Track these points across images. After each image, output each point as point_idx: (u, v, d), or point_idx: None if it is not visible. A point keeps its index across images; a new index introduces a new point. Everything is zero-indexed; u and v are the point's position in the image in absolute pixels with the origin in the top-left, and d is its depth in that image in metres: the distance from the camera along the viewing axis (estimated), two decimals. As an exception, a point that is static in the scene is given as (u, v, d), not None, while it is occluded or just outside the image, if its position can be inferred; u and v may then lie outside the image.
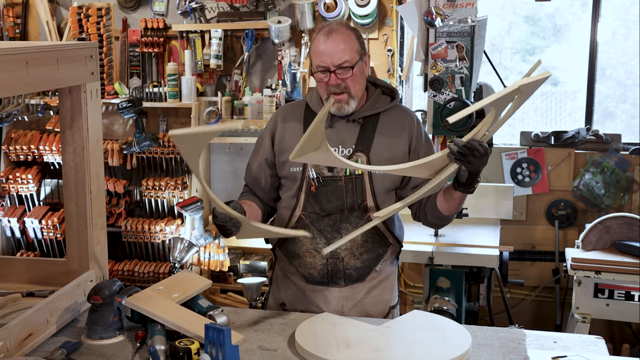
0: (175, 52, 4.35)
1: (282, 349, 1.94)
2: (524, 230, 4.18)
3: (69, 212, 2.26)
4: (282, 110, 2.41)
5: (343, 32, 2.19)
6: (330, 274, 2.29)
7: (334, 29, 2.19)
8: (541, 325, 4.12)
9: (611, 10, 4.19)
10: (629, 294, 3.38)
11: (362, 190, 2.25)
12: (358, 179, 2.24)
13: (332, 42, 2.17)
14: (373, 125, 2.28)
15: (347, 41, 2.18)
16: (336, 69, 2.16)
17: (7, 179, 4.36)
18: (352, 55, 2.18)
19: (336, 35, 2.18)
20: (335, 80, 2.17)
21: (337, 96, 2.20)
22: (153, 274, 4.21)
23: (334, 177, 2.24)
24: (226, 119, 4.19)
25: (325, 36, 2.18)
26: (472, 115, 3.19)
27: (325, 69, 2.17)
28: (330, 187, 2.24)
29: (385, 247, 2.33)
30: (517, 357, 1.89)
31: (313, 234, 2.26)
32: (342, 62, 2.16)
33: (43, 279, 2.35)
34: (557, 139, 4.11)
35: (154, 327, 1.92)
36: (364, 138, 2.26)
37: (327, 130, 2.25)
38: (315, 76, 2.22)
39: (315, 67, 2.20)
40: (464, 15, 3.21)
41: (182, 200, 4.13)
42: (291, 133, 2.31)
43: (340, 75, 2.17)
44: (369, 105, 2.29)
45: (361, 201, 2.25)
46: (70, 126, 2.20)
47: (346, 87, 2.19)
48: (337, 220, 2.25)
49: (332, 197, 2.24)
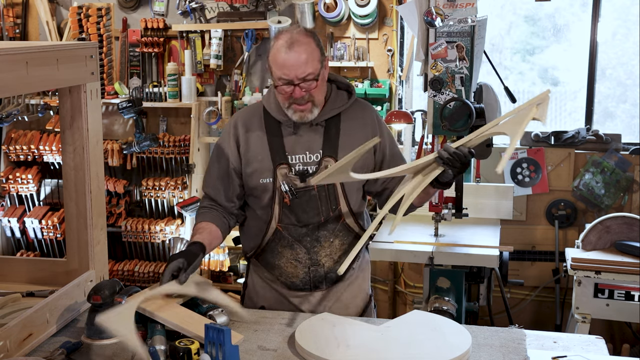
0: (175, 52, 4.35)
1: (282, 349, 1.94)
2: (524, 230, 4.18)
3: (69, 212, 2.26)
4: (241, 117, 2.31)
5: (304, 42, 2.10)
6: (313, 281, 2.29)
7: (295, 39, 2.09)
8: (541, 325, 4.12)
9: (611, 10, 4.19)
10: (629, 294, 3.38)
11: (336, 196, 2.23)
12: (330, 186, 2.22)
13: (295, 54, 2.08)
14: (336, 126, 2.25)
15: (309, 51, 2.10)
16: (300, 82, 2.10)
17: (7, 179, 4.36)
18: (315, 65, 2.11)
19: (298, 47, 2.08)
20: (299, 93, 2.11)
21: (300, 106, 2.14)
22: (153, 274, 4.21)
23: (307, 187, 2.21)
24: (226, 118, 4.19)
25: (287, 48, 2.08)
26: (471, 115, 3.19)
27: (289, 82, 2.10)
28: (304, 197, 2.21)
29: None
30: (517, 357, 1.89)
31: (292, 244, 2.25)
32: (306, 74, 2.09)
33: (43, 279, 2.35)
34: (557, 139, 4.11)
35: (154, 327, 1.92)
36: (329, 142, 2.23)
37: (291, 137, 2.23)
38: (277, 88, 2.14)
39: (277, 79, 2.12)
40: (464, 15, 3.21)
41: (182, 200, 4.14)
42: (255, 142, 2.25)
43: (304, 88, 2.11)
44: (329, 107, 2.24)
45: (335, 206, 2.23)
46: (70, 126, 2.20)
47: (310, 96, 2.14)
48: (315, 229, 2.23)
49: (308, 207, 2.22)
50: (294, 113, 2.17)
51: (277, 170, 2.21)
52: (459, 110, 3.21)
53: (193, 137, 4.21)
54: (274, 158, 2.22)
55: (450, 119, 3.21)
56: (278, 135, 2.23)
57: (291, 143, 2.23)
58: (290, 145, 2.23)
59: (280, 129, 2.24)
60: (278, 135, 2.23)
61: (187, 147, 4.25)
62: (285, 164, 2.21)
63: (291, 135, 2.23)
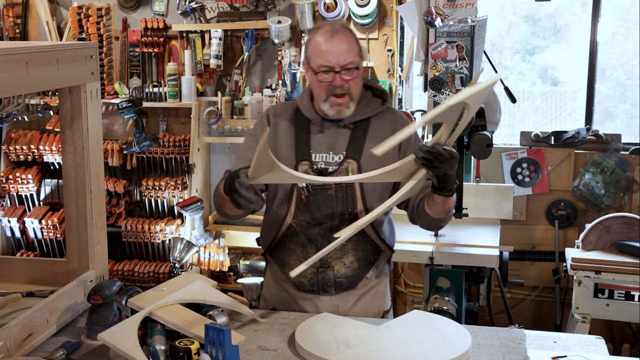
0: (175, 52, 4.35)
1: (282, 349, 1.94)
2: (524, 230, 4.18)
3: (69, 212, 2.26)
4: (273, 109, 2.34)
5: (346, 34, 2.16)
6: (321, 283, 2.26)
7: (338, 29, 2.15)
8: (541, 325, 4.12)
9: (611, 10, 4.19)
10: (629, 294, 3.38)
11: (353, 198, 2.20)
12: (349, 186, 2.19)
13: (337, 42, 2.12)
14: (364, 130, 2.23)
15: (351, 42, 2.15)
16: (341, 69, 2.12)
17: (7, 179, 4.36)
18: (356, 57, 2.15)
19: (341, 35, 2.13)
20: (340, 81, 2.12)
21: (338, 99, 2.15)
22: (153, 274, 4.21)
23: (324, 185, 2.19)
24: (226, 118, 4.20)
25: (330, 35, 2.13)
26: (472, 115, 3.18)
27: (330, 69, 2.12)
28: (320, 195, 2.20)
29: (377, 254, 2.30)
30: (517, 357, 1.89)
31: (303, 242, 2.23)
32: (347, 62, 2.12)
33: (43, 279, 2.35)
34: (557, 139, 4.11)
35: (154, 327, 1.92)
36: (354, 144, 2.21)
37: (317, 135, 2.22)
38: (318, 76, 2.15)
39: (317, 67, 2.14)
40: (464, 15, 3.21)
41: (182, 200, 4.14)
42: (283, 135, 2.26)
43: (344, 76, 2.12)
44: (360, 109, 2.23)
45: (352, 209, 2.20)
46: (70, 126, 2.20)
47: (349, 88, 2.14)
48: (328, 229, 2.19)
49: (323, 205, 2.20)
50: (331, 107, 2.16)
51: (299, 166, 2.20)
52: (459, 110, 3.20)
53: (193, 137, 4.21)
54: (297, 153, 2.22)
55: (450, 119, 3.20)
56: (306, 132, 2.24)
57: (317, 141, 2.23)
58: (315, 143, 2.23)
59: (309, 126, 2.24)
60: (306, 132, 2.24)
61: (187, 147, 4.25)
62: (307, 160, 2.21)
63: (318, 134, 2.23)
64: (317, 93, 2.19)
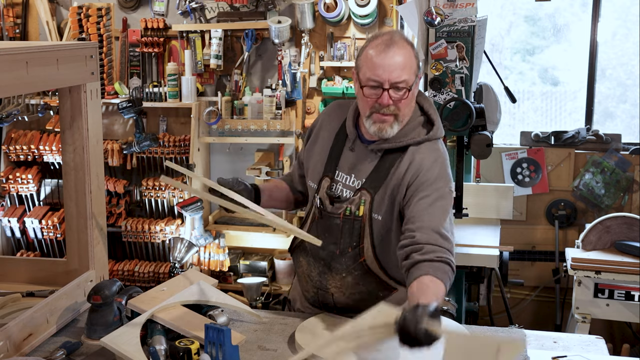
0: (175, 52, 4.35)
1: (282, 349, 1.94)
2: (524, 230, 4.18)
3: (69, 212, 2.26)
4: (331, 111, 2.20)
5: (404, 47, 1.93)
6: (322, 303, 2.16)
7: (396, 41, 1.92)
8: (541, 325, 4.12)
9: (611, 10, 4.20)
10: (629, 294, 3.38)
11: (360, 233, 2.03)
12: (357, 220, 2.03)
13: (392, 55, 1.90)
14: (392, 161, 2.01)
15: (408, 57, 1.92)
16: (390, 87, 1.91)
17: (7, 179, 4.36)
18: (410, 75, 1.92)
19: (397, 49, 1.91)
20: (387, 100, 1.91)
21: (383, 116, 1.94)
22: (153, 274, 4.21)
23: (332, 214, 2.06)
24: (226, 118, 4.20)
25: (385, 47, 1.91)
26: (471, 115, 3.19)
27: (379, 85, 1.92)
28: (327, 222, 2.07)
29: (386, 290, 2.09)
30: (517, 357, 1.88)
31: (309, 261, 2.14)
32: (399, 80, 1.90)
33: (43, 279, 2.35)
34: (557, 139, 4.11)
35: (154, 327, 1.92)
36: (377, 174, 2.02)
37: (347, 153, 2.08)
38: (363, 90, 1.94)
39: (366, 80, 1.93)
40: (464, 15, 3.21)
41: (182, 200, 4.14)
42: (321, 144, 2.15)
43: (393, 95, 1.92)
44: (399, 136, 2.00)
45: (356, 244, 2.04)
46: (70, 126, 2.20)
47: (396, 110, 1.94)
48: (330, 257, 2.07)
49: (328, 233, 2.06)
50: (373, 124, 1.97)
51: (323, 181, 2.10)
52: (459, 110, 3.21)
53: (193, 137, 4.21)
54: (326, 167, 2.10)
55: (450, 119, 3.21)
56: (340, 145, 2.10)
57: (345, 159, 2.08)
58: (343, 161, 2.08)
59: (345, 141, 2.10)
60: (340, 145, 2.10)
61: (187, 147, 4.24)
62: (331, 177, 2.08)
63: (349, 152, 2.08)
64: (362, 108, 2.01)
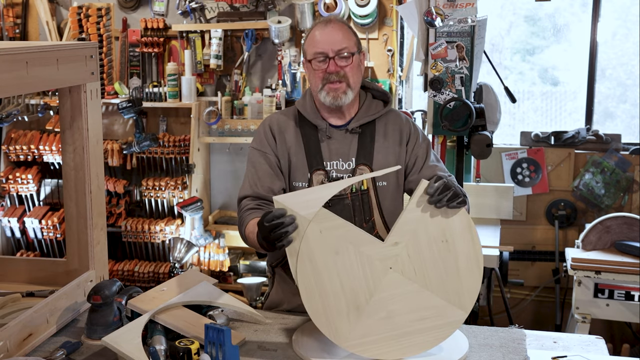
0: (175, 52, 4.35)
1: (282, 349, 1.94)
2: (524, 230, 4.18)
3: (69, 212, 2.26)
4: (276, 123, 2.22)
5: (340, 23, 2.16)
6: None
7: (332, 20, 2.16)
8: (541, 325, 4.12)
9: (611, 10, 4.20)
10: (629, 294, 3.38)
11: (369, 205, 2.14)
12: (364, 194, 2.14)
13: (331, 30, 2.12)
14: (371, 133, 2.19)
15: (345, 31, 2.14)
16: (335, 55, 2.10)
17: (7, 179, 4.36)
18: (351, 44, 2.13)
19: (334, 24, 2.14)
20: (334, 67, 2.09)
21: (334, 85, 2.10)
22: (153, 274, 4.21)
23: (341, 195, 2.12)
24: (226, 118, 4.20)
25: (323, 25, 2.14)
26: (471, 115, 3.19)
27: (324, 56, 2.10)
28: (338, 206, 2.11)
29: None
30: (517, 357, 1.89)
31: None
32: (341, 48, 2.10)
33: (43, 279, 2.34)
34: (557, 139, 4.11)
35: (154, 327, 1.92)
36: (364, 150, 2.16)
37: (326, 142, 2.16)
38: (312, 64, 2.12)
39: (312, 55, 2.12)
40: (464, 15, 3.21)
41: (182, 200, 4.14)
42: (293, 149, 2.18)
43: (339, 63, 2.10)
44: (363, 112, 2.19)
45: (369, 217, 2.14)
46: (70, 126, 2.20)
47: (345, 75, 2.11)
48: None
49: (341, 216, 1.98)
50: (327, 94, 2.12)
51: (314, 176, 2.15)
52: (459, 110, 3.21)
53: (193, 137, 4.21)
54: (310, 163, 2.16)
55: (450, 119, 3.21)
56: (314, 139, 2.18)
57: (326, 149, 2.17)
58: (325, 151, 2.17)
59: (317, 134, 2.18)
60: (314, 139, 2.18)
61: (187, 147, 4.25)
62: (322, 170, 2.15)
63: (326, 141, 2.17)
64: (314, 84, 2.15)
